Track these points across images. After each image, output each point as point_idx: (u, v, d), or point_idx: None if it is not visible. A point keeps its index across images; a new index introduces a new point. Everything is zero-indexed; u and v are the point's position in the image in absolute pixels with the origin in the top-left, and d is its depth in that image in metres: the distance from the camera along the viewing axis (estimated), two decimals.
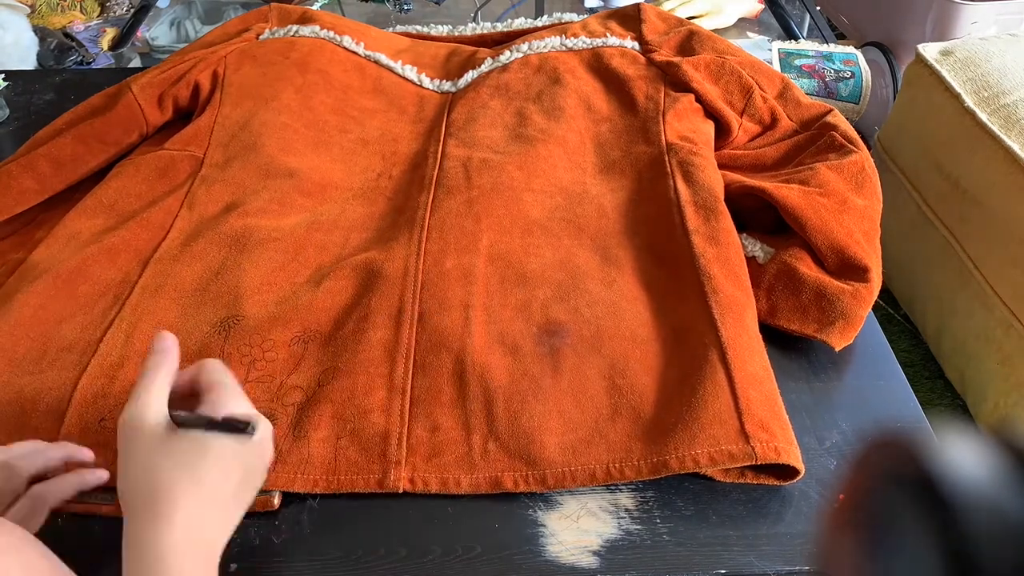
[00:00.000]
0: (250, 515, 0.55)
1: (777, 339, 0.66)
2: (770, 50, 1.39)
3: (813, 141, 0.79)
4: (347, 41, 0.94)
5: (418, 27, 1.06)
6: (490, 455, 0.56)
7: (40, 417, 0.58)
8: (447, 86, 0.92)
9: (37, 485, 0.51)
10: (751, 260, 0.70)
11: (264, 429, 0.48)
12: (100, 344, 0.62)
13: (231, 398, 0.48)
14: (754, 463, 0.53)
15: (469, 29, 1.05)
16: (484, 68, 0.93)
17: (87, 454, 0.53)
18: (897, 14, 1.62)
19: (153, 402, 0.46)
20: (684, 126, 0.81)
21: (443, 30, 1.05)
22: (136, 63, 1.68)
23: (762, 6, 1.64)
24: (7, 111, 1.00)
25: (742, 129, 0.83)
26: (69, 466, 0.52)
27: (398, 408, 0.58)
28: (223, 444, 0.45)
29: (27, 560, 0.43)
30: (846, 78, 1.36)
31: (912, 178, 1.29)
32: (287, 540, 0.54)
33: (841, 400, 0.62)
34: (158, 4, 1.69)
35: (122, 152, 0.84)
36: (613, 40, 0.93)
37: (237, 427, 0.46)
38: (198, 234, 0.72)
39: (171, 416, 0.46)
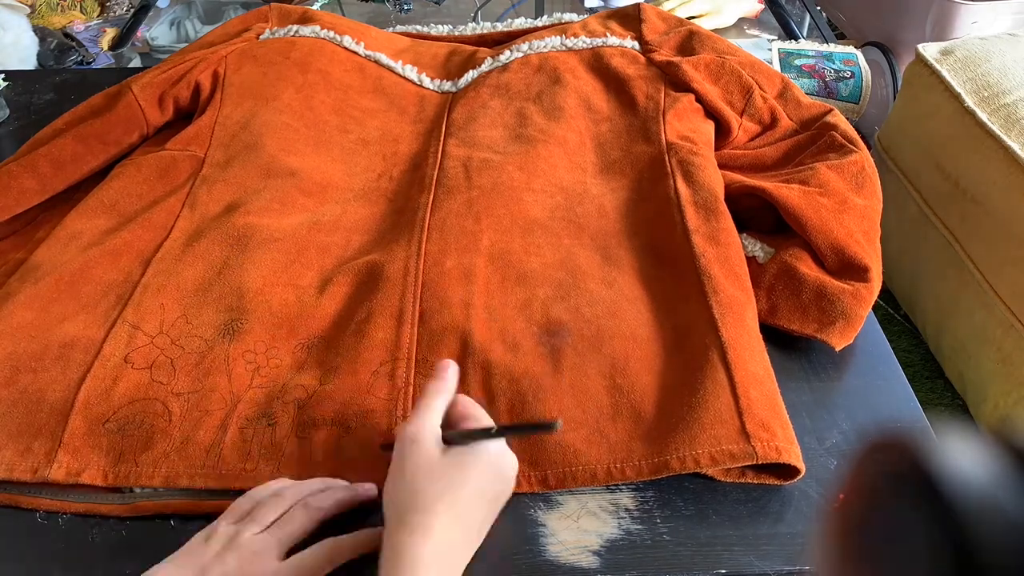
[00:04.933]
0: None
1: (777, 339, 0.66)
2: (770, 50, 1.39)
3: (813, 141, 0.79)
4: (347, 41, 0.94)
5: (418, 27, 1.06)
6: None
7: (44, 416, 0.58)
8: (447, 86, 0.93)
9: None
10: (751, 260, 0.70)
11: (514, 461, 0.52)
12: (103, 344, 0.62)
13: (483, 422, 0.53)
14: (755, 463, 0.53)
15: (469, 29, 1.05)
16: (484, 68, 0.93)
17: (370, 490, 0.54)
18: (897, 14, 1.62)
19: (429, 421, 0.50)
20: (684, 126, 0.81)
21: (443, 30, 1.05)
22: (136, 63, 1.68)
23: (762, 6, 1.64)
24: (7, 111, 1.00)
25: (742, 129, 0.83)
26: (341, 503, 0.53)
27: (400, 407, 0.58)
28: (481, 469, 0.49)
29: None
30: (846, 78, 1.36)
31: (912, 178, 1.30)
32: None
33: (841, 400, 0.62)
34: (158, 4, 1.69)
35: (123, 152, 0.85)
36: (613, 40, 0.93)
37: (533, 428, 0.53)
38: (200, 234, 0.72)
39: (443, 436, 0.50)
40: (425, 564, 0.45)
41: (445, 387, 0.53)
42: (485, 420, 0.52)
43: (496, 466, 0.50)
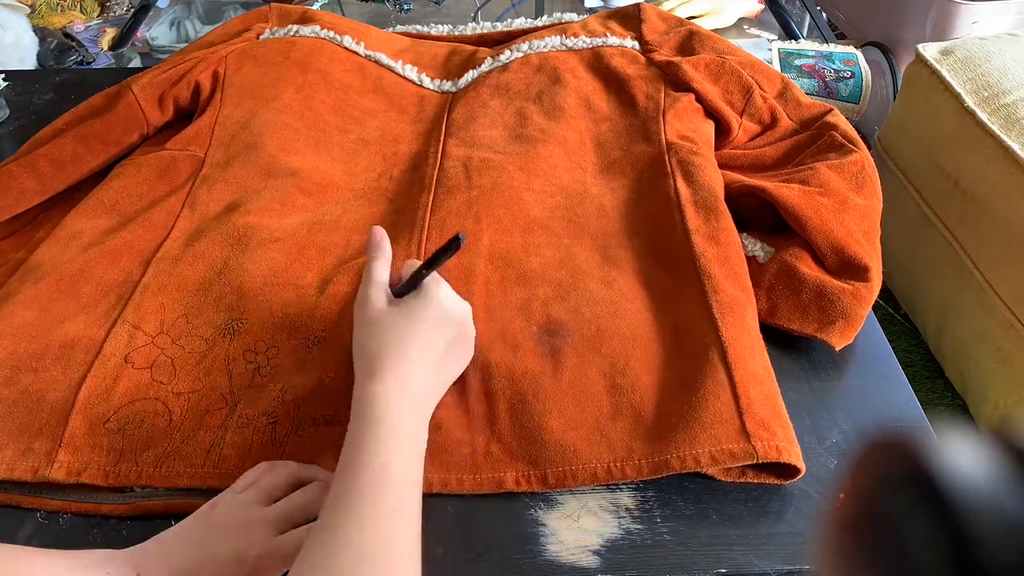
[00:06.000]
0: None
1: (777, 339, 0.66)
2: (770, 50, 1.39)
3: (813, 141, 0.79)
4: (347, 41, 0.94)
5: (418, 27, 1.06)
6: (493, 456, 0.56)
7: (45, 416, 0.58)
8: (447, 86, 0.92)
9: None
10: (751, 259, 0.70)
11: (463, 306, 0.57)
12: (104, 344, 0.62)
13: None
14: (755, 462, 0.53)
15: (469, 29, 1.05)
16: (484, 68, 0.93)
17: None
18: (897, 14, 1.62)
19: (372, 283, 0.56)
20: (684, 126, 0.81)
21: (443, 30, 1.05)
22: (136, 63, 1.68)
23: (762, 6, 1.64)
24: (7, 111, 1.00)
25: (742, 129, 0.83)
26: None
27: None
28: (425, 313, 0.54)
29: None
30: (846, 78, 1.36)
31: (912, 178, 1.30)
32: None
33: (841, 399, 0.62)
34: (158, 4, 1.69)
35: (123, 152, 0.84)
36: (613, 40, 0.93)
37: (445, 250, 0.53)
38: (200, 234, 0.72)
39: (392, 292, 0.56)
40: (385, 400, 0.49)
41: (378, 253, 0.58)
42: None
43: (442, 307, 0.55)
